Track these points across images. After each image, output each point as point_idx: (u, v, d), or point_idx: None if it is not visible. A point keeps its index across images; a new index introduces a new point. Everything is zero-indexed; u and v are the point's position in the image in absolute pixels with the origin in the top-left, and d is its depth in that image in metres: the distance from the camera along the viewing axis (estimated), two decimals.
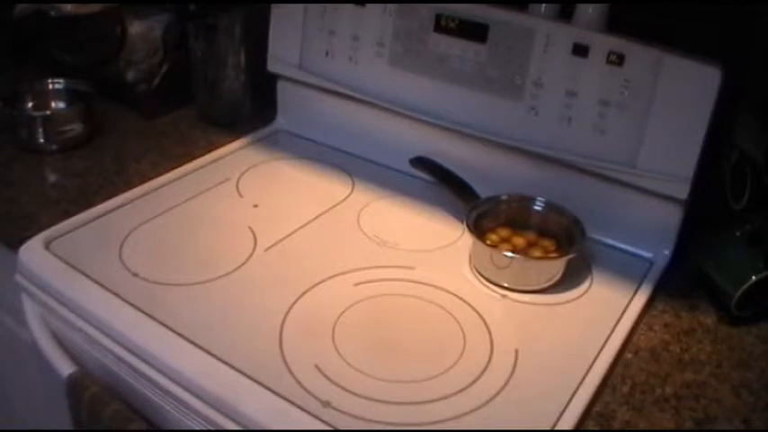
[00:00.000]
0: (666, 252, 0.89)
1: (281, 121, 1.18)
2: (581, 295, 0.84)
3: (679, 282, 0.87)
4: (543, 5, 0.91)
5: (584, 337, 0.77)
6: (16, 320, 0.95)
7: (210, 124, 1.18)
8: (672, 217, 0.88)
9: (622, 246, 0.91)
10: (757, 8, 0.83)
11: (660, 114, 0.84)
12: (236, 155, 1.09)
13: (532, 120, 0.92)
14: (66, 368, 0.77)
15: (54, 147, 1.07)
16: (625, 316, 0.80)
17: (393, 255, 0.88)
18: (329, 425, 0.64)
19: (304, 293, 0.80)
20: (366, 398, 0.67)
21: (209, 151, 1.09)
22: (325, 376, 0.69)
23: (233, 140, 1.13)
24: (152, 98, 1.19)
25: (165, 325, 0.74)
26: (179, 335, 0.72)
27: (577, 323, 0.79)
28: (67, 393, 0.77)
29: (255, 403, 0.66)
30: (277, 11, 1.10)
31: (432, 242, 0.91)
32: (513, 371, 0.72)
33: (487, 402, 0.68)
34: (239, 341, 0.72)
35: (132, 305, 0.76)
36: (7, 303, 0.97)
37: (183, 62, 1.17)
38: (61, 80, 1.17)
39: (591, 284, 0.85)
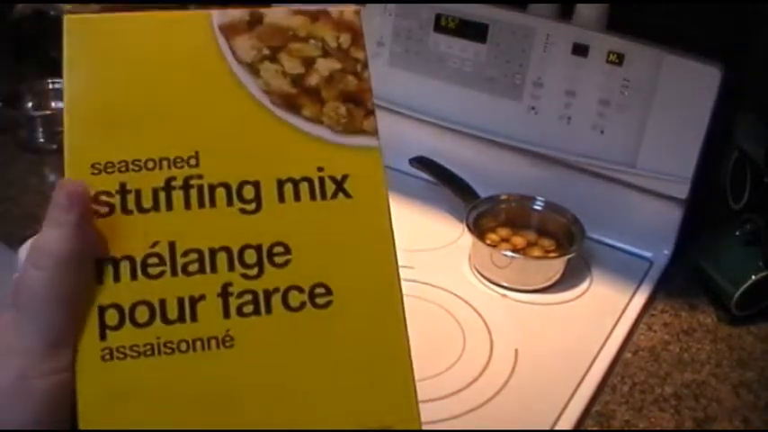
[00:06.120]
0: (666, 252, 0.89)
1: None
2: (581, 295, 0.84)
3: (679, 281, 0.87)
4: (543, 5, 0.91)
5: (584, 337, 0.77)
6: None
7: None
8: (671, 217, 0.88)
9: (622, 245, 0.91)
10: (757, 8, 0.83)
11: (660, 114, 0.84)
12: None
13: (532, 119, 0.92)
14: None
15: (54, 147, 1.07)
16: (625, 315, 0.80)
17: None
18: None
19: None
20: None
21: None
22: None
23: None
24: None
25: None
26: None
27: (577, 323, 0.79)
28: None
29: None
30: None
31: (432, 242, 0.91)
32: (512, 370, 0.72)
33: (487, 402, 0.68)
34: None
35: None
36: (7, 303, 0.96)
37: None
38: (61, 80, 1.16)
39: (590, 284, 0.85)
